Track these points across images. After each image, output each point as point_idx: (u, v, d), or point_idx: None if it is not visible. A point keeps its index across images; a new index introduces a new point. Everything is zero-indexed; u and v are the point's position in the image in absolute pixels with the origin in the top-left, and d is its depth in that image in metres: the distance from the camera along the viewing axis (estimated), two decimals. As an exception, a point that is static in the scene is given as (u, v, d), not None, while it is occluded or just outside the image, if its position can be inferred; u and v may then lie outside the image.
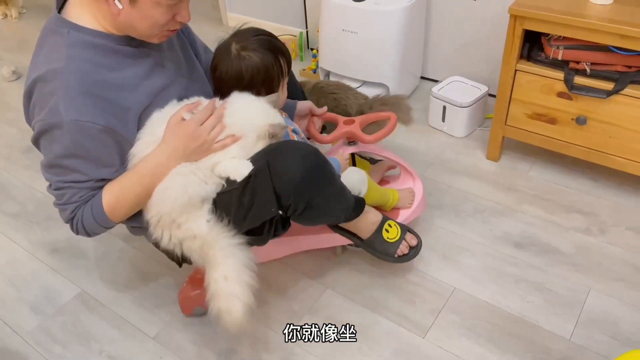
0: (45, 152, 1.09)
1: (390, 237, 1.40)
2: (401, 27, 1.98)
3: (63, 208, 1.13)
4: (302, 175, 1.10)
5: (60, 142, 1.05)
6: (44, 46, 1.08)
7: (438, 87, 2.02)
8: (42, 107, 1.04)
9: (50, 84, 1.03)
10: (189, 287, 1.42)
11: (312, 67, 2.44)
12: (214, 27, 2.98)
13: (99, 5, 1.04)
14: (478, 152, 1.93)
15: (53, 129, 1.04)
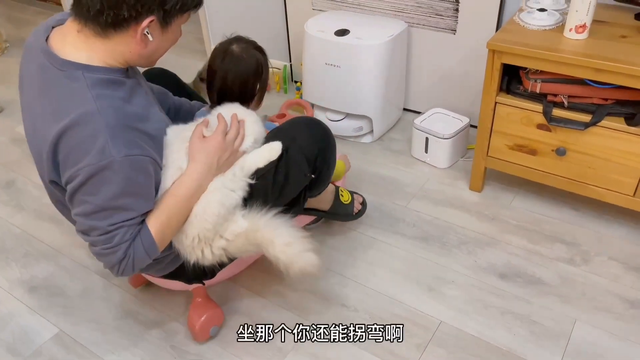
0: (92, 198, 1.02)
1: (345, 199, 1.67)
2: (383, 60, 2.01)
3: (113, 251, 1.06)
4: (322, 138, 1.35)
5: (113, 182, 1.01)
6: (55, 93, 1.02)
7: (420, 118, 2.04)
8: (84, 153, 0.99)
9: (88, 127, 0.99)
10: (197, 314, 1.41)
11: (296, 100, 2.46)
12: (199, 60, 3.00)
13: (124, 42, 1.02)
14: (461, 182, 1.94)
15: (104, 170, 0.99)
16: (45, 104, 1.04)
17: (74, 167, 1.00)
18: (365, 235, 1.74)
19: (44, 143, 1.03)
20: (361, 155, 2.13)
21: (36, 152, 1.10)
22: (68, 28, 1.05)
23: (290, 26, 2.52)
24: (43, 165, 1.06)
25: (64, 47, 1.03)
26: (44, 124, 1.03)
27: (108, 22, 0.99)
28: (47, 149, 1.02)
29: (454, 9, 2.01)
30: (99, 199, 1.02)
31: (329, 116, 2.18)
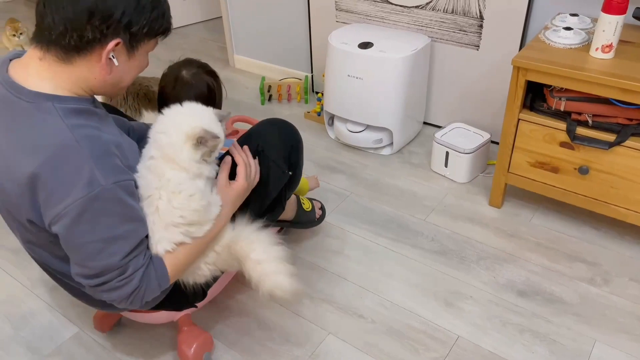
0: (91, 235, 0.95)
1: (307, 207, 1.69)
2: (405, 74, 2.02)
3: (128, 280, 1.00)
4: (293, 137, 1.40)
5: (108, 212, 0.95)
6: (25, 127, 0.94)
7: (441, 132, 2.05)
8: (69, 188, 0.91)
9: (70, 160, 0.91)
10: (187, 345, 1.36)
11: (317, 110, 2.48)
12: (220, 69, 3.04)
13: (88, 67, 0.96)
14: (480, 198, 1.94)
15: (95, 202, 0.92)
16: (11, 139, 0.94)
17: (59, 205, 0.91)
18: (383, 247, 1.74)
19: (14, 182, 0.94)
20: (380, 167, 2.13)
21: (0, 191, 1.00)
22: (29, 57, 0.97)
23: (313, 37, 2.55)
24: (14, 204, 0.97)
25: (27, 78, 0.95)
26: (13, 161, 0.93)
27: (71, 45, 0.93)
28: (22, 188, 0.93)
29: (478, 25, 2.02)
30: (100, 234, 0.95)
31: (349, 127, 2.20)
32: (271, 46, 2.80)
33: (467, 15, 2.03)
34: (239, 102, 2.67)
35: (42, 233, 1.00)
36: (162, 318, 1.30)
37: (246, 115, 2.05)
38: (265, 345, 1.44)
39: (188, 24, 3.70)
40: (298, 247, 1.75)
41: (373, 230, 1.81)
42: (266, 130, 1.35)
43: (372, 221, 1.85)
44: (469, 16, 2.03)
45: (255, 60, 2.92)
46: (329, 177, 2.09)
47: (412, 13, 2.16)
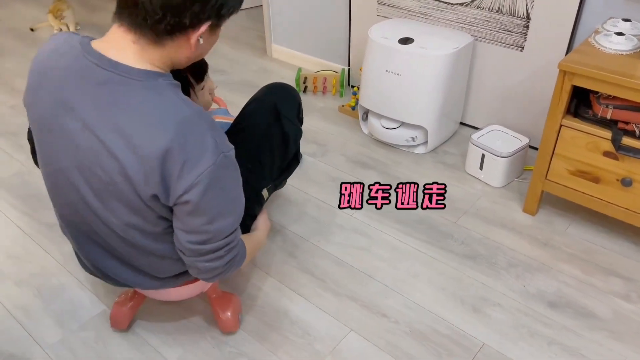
0: (218, 201, 0.99)
1: None
2: (446, 72, 1.98)
3: (229, 250, 1.08)
4: (297, 94, 1.56)
5: (231, 178, 1.01)
6: (142, 106, 0.94)
7: (478, 134, 2.00)
8: (198, 158, 0.94)
9: (195, 131, 0.94)
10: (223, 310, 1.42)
11: (351, 104, 2.45)
12: (258, 57, 3.04)
13: (176, 48, 0.97)
14: (514, 204, 1.89)
15: (222, 169, 0.97)
16: (134, 118, 0.94)
17: (192, 174, 0.94)
18: (412, 247, 1.72)
19: (142, 159, 0.93)
20: (413, 166, 2.10)
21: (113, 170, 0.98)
22: (121, 39, 0.96)
23: (352, 30, 2.52)
24: (135, 181, 0.96)
25: (126, 58, 0.95)
26: (142, 138, 0.93)
27: (167, 30, 0.93)
28: (153, 164, 0.93)
29: (524, 26, 1.96)
30: (225, 197, 1.01)
31: (384, 123, 2.17)
32: (309, 37, 2.79)
33: (513, 14, 1.97)
34: (274, 92, 2.67)
35: (152, 212, 1.01)
36: (194, 290, 1.35)
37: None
38: (286, 337, 1.44)
39: (228, 11, 3.71)
40: (325, 241, 1.74)
41: (402, 229, 1.78)
42: (277, 91, 1.51)
43: (402, 221, 1.82)
44: (515, 16, 1.97)
45: (293, 51, 2.91)
46: (360, 173, 2.06)
47: (456, 10, 2.11)
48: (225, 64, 2.97)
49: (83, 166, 1.00)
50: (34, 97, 1.04)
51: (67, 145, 1.00)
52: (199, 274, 1.11)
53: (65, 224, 1.19)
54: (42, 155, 1.10)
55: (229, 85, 2.75)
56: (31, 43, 3.26)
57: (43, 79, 1.02)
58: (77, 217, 1.12)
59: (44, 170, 1.12)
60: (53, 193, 1.15)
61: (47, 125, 1.02)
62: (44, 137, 1.05)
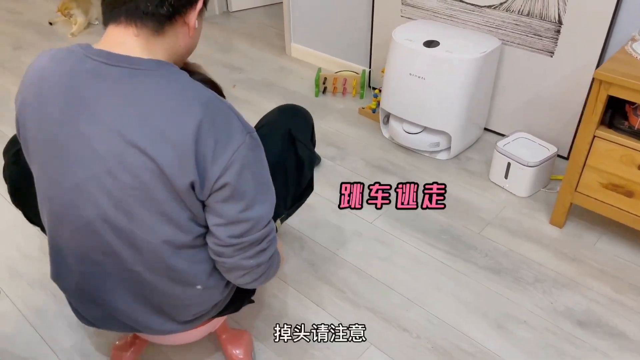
0: (252, 183, 0.94)
1: None
2: (472, 77, 1.92)
3: (270, 243, 1.02)
4: (310, 116, 1.46)
5: (260, 159, 0.97)
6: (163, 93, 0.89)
7: (503, 142, 1.94)
8: (229, 135, 0.90)
9: (219, 112, 0.91)
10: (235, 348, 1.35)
11: (372, 107, 2.40)
12: (276, 56, 2.99)
13: (175, 35, 0.94)
14: (541, 215, 1.83)
15: (251, 149, 0.93)
16: (158, 106, 0.89)
17: (227, 152, 0.89)
18: (434, 258, 1.66)
19: (175, 144, 0.87)
20: (435, 172, 2.04)
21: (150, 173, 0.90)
22: (122, 35, 0.91)
23: (375, 31, 2.47)
24: (173, 175, 0.88)
25: (133, 52, 0.91)
26: (171, 124, 0.87)
27: (168, 13, 0.90)
28: (187, 147, 0.87)
29: (555, 31, 1.89)
30: (259, 179, 0.96)
31: (406, 128, 2.11)
32: (330, 37, 2.73)
33: (544, 19, 1.90)
34: (292, 92, 2.62)
35: (184, 211, 0.94)
36: (204, 331, 1.24)
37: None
38: (305, 350, 1.39)
39: (248, 7, 3.67)
40: (344, 250, 1.69)
41: (424, 239, 1.73)
42: (290, 114, 1.42)
43: (424, 230, 1.77)
44: (546, 20, 1.90)
45: (312, 50, 2.86)
46: (381, 178, 2.01)
47: (484, 13, 2.05)
48: (244, 62, 2.93)
49: (103, 174, 0.90)
50: (34, 110, 0.94)
51: (81, 155, 0.91)
52: (244, 277, 1.02)
53: (69, 261, 1.03)
54: (44, 178, 0.98)
55: (248, 83, 2.70)
56: (50, 37, 3.24)
57: (44, 88, 0.93)
58: (90, 246, 0.98)
59: (46, 195, 0.98)
60: (57, 221, 1.00)
61: (54, 137, 0.92)
62: (48, 153, 0.94)
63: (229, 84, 2.67)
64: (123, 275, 1.01)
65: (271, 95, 2.59)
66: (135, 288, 1.03)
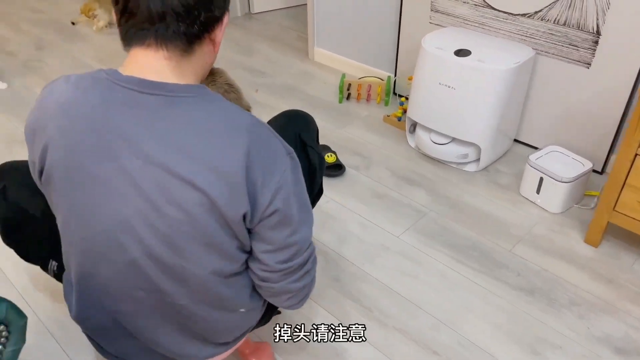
0: (296, 206, 0.92)
1: None
2: (505, 88, 1.86)
3: (313, 264, 1.02)
4: (313, 121, 1.40)
5: (302, 181, 0.94)
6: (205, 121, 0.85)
7: (536, 155, 1.87)
8: (274, 159, 0.88)
9: (263, 136, 0.88)
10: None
11: (398, 115, 2.34)
12: (299, 60, 2.95)
13: (202, 53, 0.89)
14: (575, 232, 1.76)
15: (295, 170, 0.92)
16: (204, 137, 0.84)
17: (273, 180, 0.87)
18: (464, 276, 1.61)
19: (226, 175, 0.83)
20: (463, 185, 1.99)
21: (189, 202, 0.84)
22: (154, 60, 0.85)
23: (401, 38, 2.41)
24: (227, 205, 0.85)
25: (166, 77, 0.86)
26: (219, 153, 0.84)
27: (199, 31, 0.85)
28: (238, 176, 0.83)
29: (593, 41, 1.82)
30: (302, 201, 0.94)
31: (434, 138, 2.06)
32: (355, 41, 2.68)
33: (581, 29, 1.83)
34: (315, 98, 2.58)
35: (233, 241, 0.91)
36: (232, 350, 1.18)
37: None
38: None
39: (270, 9, 3.63)
40: (370, 265, 1.65)
41: (453, 256, 1.67)
42: (297, 119, 1.37)
43: (452, 245, 1.71)
44: (583, 30, 1.83)
45: (336, 55, 2.81)
46: (407, 190, 1.96)
47: (517, 21, 1.98)
48: (266, 65, 2.90)
49: (149, 210, 0.84)
50: (60, 146, 0.86)
51: (123, 192, 0.84)
52: (290, 299, 1.01)
53: (104, 301, 0.98)
54: (76, 218, 0.91)
55: (270, 88, 2.67)
56: (73, 38, 3.24)
57: (72, 122, 0.85)
58: (132, 284, 0.93)
59: (79, 236, 0.92)
60: (93, 262, 0.93)
61: (89, 175, 0.85)
62: (82, 191, 0.87)
63: (251, 88, 2.64)
64: (165, 310, 0.96)
65: (293, 101, 2.54)
66: (177, 320, 0.99)
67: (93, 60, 2.94)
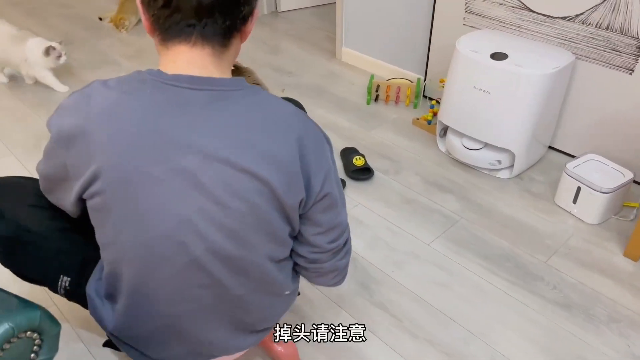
0: (338, 187, 0.99)
1: None
2: (543, 93, 1.80)
3: (350, 240, 1.09)
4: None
5: (334, 158, 0.99)
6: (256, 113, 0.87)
7: (573, 163, 1.81)
8: (319, 143, 0.93)
9: (305, 118, 0.95)
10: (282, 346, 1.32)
11: (428, 118, 2.29)
12: (326, 60, 2.92)
13: (235, 44, 0.90)
14: (613, 245, 1.69)
15: (330, 151, 0.98)
16: (257, 129, 0.86)
17: (322, 165, 0.93)
18: (497, 287, 1.56)
19: (282, 164, 0.86)
20: (496, 192, 1.93)
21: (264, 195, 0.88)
22: (198, 57, 0.85)
23: (433, 39, 2.36)
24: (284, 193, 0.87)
25: (212, 73, 0.87)
26: (275, 142, 0.86)
27: (240, 24, 0.87)
28: (294, 164, 0.87)
29: (637, 47, 1.75)
30: (339, 185, 1.00)
31: (465, 143, 2.00)
32: (384, 42, 2.63)
33: (625, 33, 1.76)
34: (342, 99, 2.54)
35: (287, 227, 0.95)
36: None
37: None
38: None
39: (297, 8, 3.60)
40: (400, 272, 1.60)
41: (486, 266, 1.62)
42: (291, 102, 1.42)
43: (485, 255, 1.66)
44: (627, 35, 1.76)
45: (364, 55, 2.77)
46: (437, 196, 1.91)
47: (556, 24, 1.92)
48: (292, 65, 2.86)
49: (211, 205, 0.84)
50: (110, 152, 0.83)
51: (183, 191, 0.83)
52: (336, 277, 1.10)
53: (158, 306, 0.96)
54: (129, 225, 0.88)
55: (297, 88, 2.63)
56: (100, 34, 3.24)
57: (122, 127, 0.83)
58: (191, 283, 0.92)
59: (135, 242, 0.89)
60: (150, 266, 0.91)
61: (145, 178, 0.84)
62: (137, 195, 0.85)
63: (278, 88, 2.61)
64: (220, 305, 0.98)
65: (320, 101, 2.51)
66: (230, 313, 1.01)
67: (122, 57, 2.94)
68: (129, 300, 0.97)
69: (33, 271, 1.10)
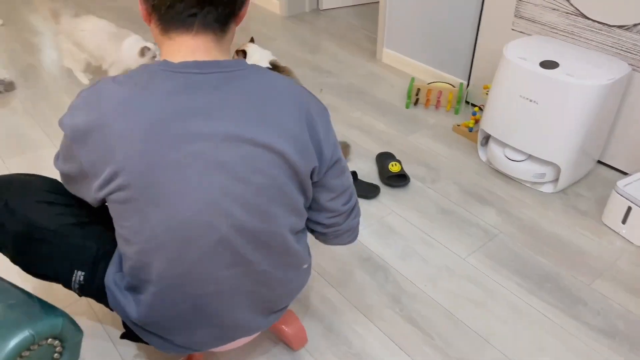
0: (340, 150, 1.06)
1: None
2: (595, 106, 1.70)
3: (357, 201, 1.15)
4: None
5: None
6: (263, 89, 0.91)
7: (624, 181, 1.70)
8: (324, 114, 1.00)
9: (311, 95, 1.01)
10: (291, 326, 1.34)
11: (469, 125, 2.21)
12: (366, 61, 2.86)
13: (232, 29, 0.96)
14: (664, 271, 1.59)
15: (330, 119, 1.03)
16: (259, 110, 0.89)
17: (329, 134, 0.99)
18: (536, 309, 1.48)
19: (295, 136, 0.91)
20: (538, 207, 1.84)
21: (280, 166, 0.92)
22: (202, 44, 0.90)
23: (479, 44, 2.27)
24: (298, 163, 0.92)
25: (216, 56, 0.92)
26: (286, 114, 0.91)
27: (238, 10, 0.93)
28: (304, 135, 0.93)
29: (702, 60, 1.63)
30: (339, 147, 1.06)
31: (508, 154, 1.92)
32: (427, 44, 2.56)
33: (689, 45, 1.65)
34: (381, 101, 2.47)
35: (302, 197, 1.00)
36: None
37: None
38: None
39: (338, 6, 3.55)
40: (433, 287, 1.54)
41: (525, 285, 1.54)
42: None
43: (524, 274, 1.58)
44: (691, 47, 1.64)
45: (406, 58, 2.70)
46: (476, 208, 1.83)
47: (613, 33, 1.81)
48: (332, 65, 2.82)
49: (234, 182, 0.88)
50: (132, 143, 0.84)
51: (205, 172, 0.86)
52: (350, 235, 1.16)
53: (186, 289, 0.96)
54: (158, 208, 0.88)
55: (335, 88, 2.59)
56: (144, 25, 3.27)
57: (138, 118, 0.84)
58: (217, 264, 0.94)
59: (163, 228, 0.89)
60: (177, 252, 0.91)
61: (168, 164, 0.85)
62: (162, 181, 0.86)
63: (316, 88, 2.57)
64: (245, 283, 1.00)
65: (359, 103, 2.45)
66: (254, 290, 1.03)
67: (161, 50, 2.95)
68: (158, 288, 0.96)
69: (45, 268, 1.08)
